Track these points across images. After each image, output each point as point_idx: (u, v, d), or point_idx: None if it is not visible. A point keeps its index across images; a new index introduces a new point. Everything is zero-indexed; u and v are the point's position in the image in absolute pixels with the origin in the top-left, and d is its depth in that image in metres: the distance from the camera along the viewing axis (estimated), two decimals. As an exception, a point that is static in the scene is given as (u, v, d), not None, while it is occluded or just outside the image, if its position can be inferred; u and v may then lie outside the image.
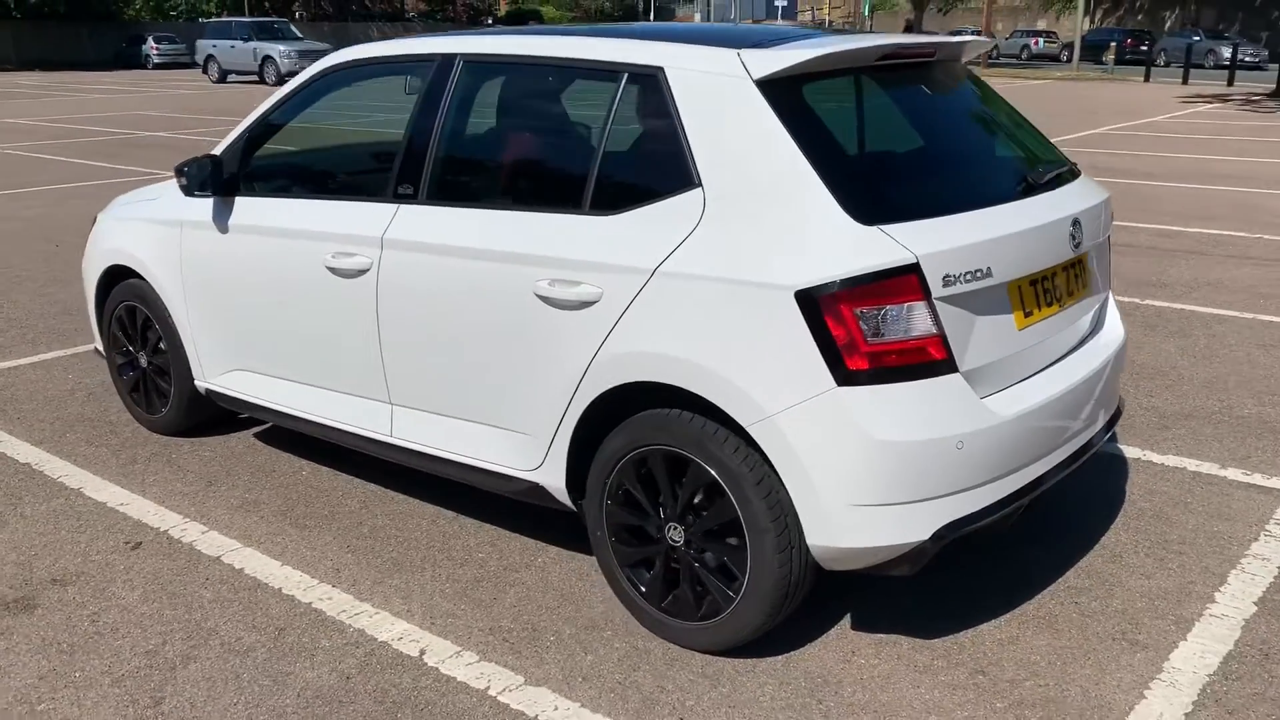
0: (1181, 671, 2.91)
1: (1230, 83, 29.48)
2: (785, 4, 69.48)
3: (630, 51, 3.07)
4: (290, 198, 3.88)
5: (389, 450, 3.68)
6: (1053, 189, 3.18)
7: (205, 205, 4.08)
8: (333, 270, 3.61)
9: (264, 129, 4.02)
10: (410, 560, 3.57)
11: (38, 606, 3.29)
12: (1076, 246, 3.11)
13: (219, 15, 48.42)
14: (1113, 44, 38.94)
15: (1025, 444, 2.87)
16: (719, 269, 2.75)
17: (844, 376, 2.61)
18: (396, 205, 3.48)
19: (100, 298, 4.71)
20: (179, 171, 3.96)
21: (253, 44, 33.19)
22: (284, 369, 3.97)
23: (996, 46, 47.66)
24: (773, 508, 2.75)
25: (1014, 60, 44.40)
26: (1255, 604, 3.25)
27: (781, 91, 2.82)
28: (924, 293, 2.63)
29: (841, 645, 3.05)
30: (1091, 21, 48.58)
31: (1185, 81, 30.57)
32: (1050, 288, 3.07)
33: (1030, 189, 3.10)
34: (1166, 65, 38.11)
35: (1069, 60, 42.86)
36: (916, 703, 2.79)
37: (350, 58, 3.81)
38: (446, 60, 3.47)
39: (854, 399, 2.61)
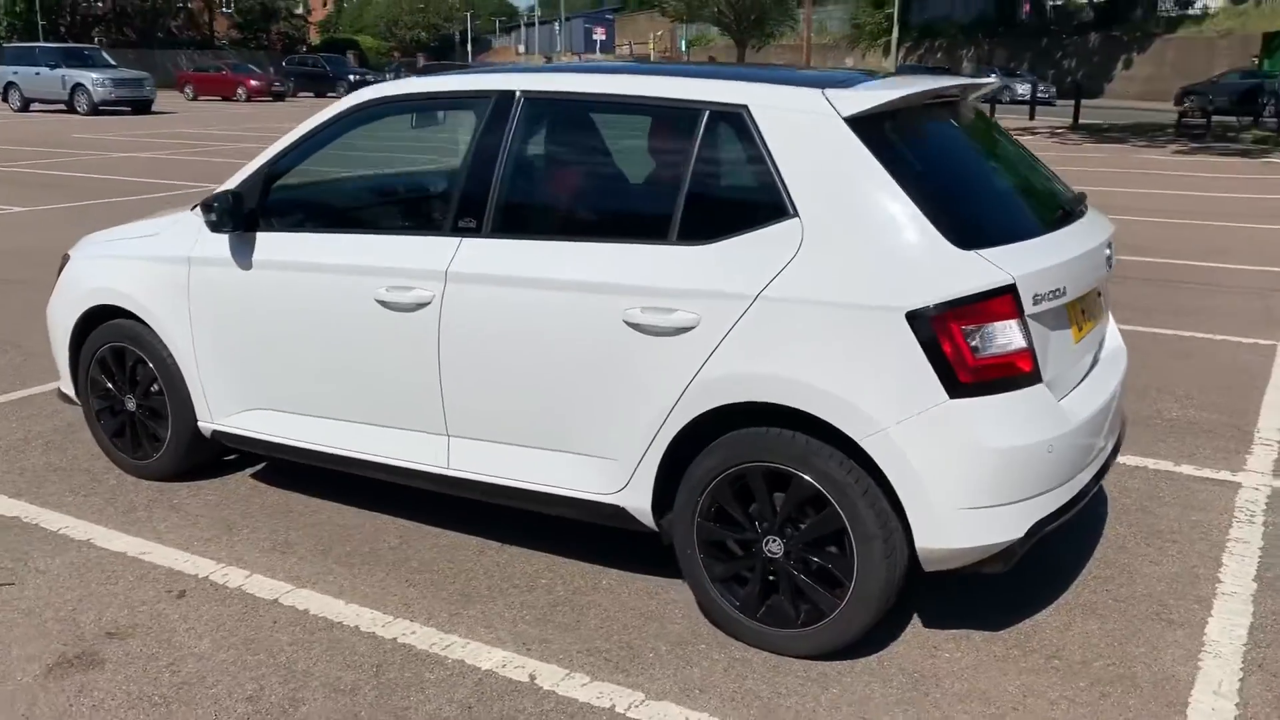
0: (1220, 644, 3.27)
1: (1032, 117, 31.76)
2: (603, 39, 70.82)
3: (712, 90, 3.24)
4: (323, 232, 3.84)
5: (443, 482, 3.69)
6: (1083, 216, 3.53)
7: (219, 242, 3.98)
8: (385, 304, 3.60)
9: (285, 164, 3.97)
10: (476, 591, 3.58)
11: (105, 661, 3.15)
12: (1109, 268, 3.46)
13: (8, 41, 45.39)
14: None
15: (1087, 446, 3.18)
16: (825, 293, 2.95)
17: (955, 389, 2.84)
18: (458, 239, 3.51)
19: (76, 340, 4.49)
20: (207, 208, 3.85)
21: (60, 71, 31.36)
22: (315, 405, 3.91)
23: None
24: (880, 515, 2.95)
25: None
26: (1254, 581, 3.66)
27: (869, 128, 3.05)
28: (1019, 311, 2.90)
29: (923, 642, 3.28)
30: (896, 60, 51.56)
31: (991, 115, 32.78)
32: (1088, 306, 3.40)
33: (1068, 216, 3.43)
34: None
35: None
36: (1011, 688, 3.04)
37: (388, 93, 3.82)
38: (505, 96, 3.54)
39: (965, 410, 2.85)
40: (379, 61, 64.84)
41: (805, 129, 3.08)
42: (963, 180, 3.38)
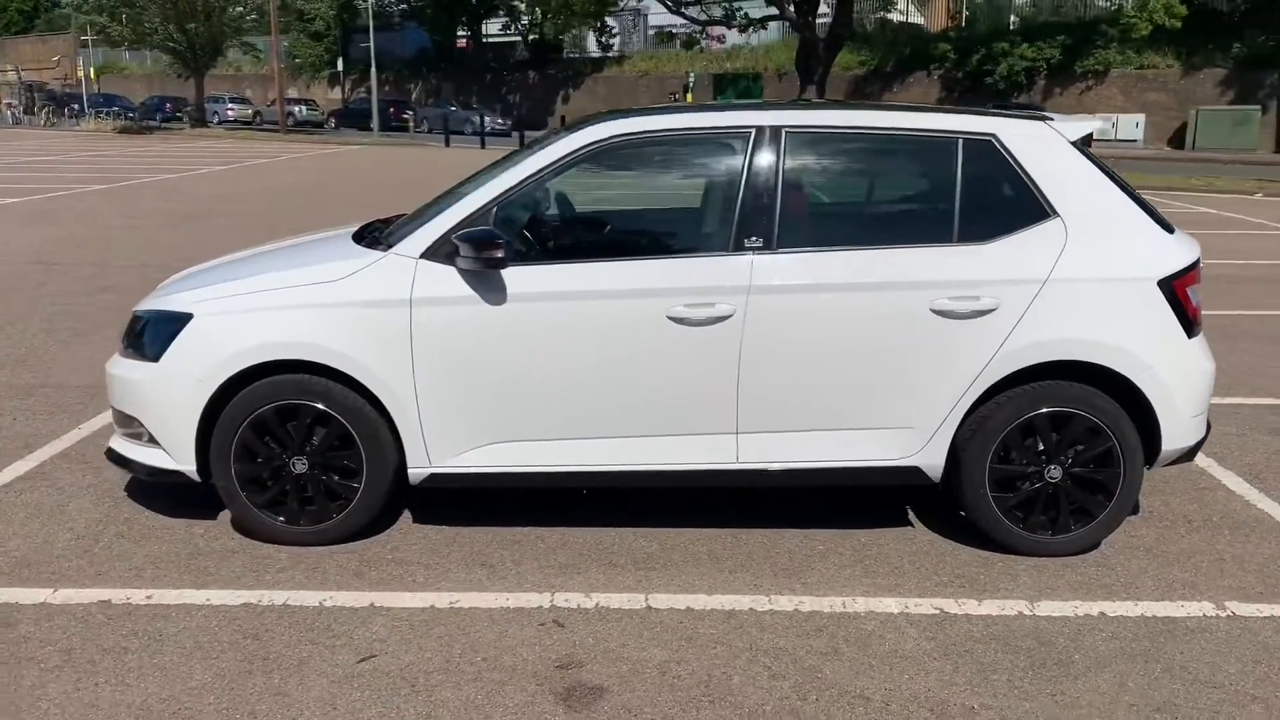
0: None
1: (483, 146, 33.22)
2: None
3: (961, 123, 4.08)
4: (590, 261, 3.99)
5: (727, 477, 4.08)
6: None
7: (449, 280, 3.92)
8: (680, 320, 3.90)
9: (514, 199, 4.02)
10: (753, 557, 4.04)
11: (602, 699, 3.19)
12: None
13: None
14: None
15: None
16: (1096, 272, 3.95)
17: (1190, 332, 4.02)
18: (750, 255, 3.94)
19: (213, 407, 4.00)
20: (490, 244, 3.79)
21: None
22: (575, 428, 4.02)
23: (259, 113, 48.51)
24: (1136, 434, 4.02)
25: (275, 127, 45.04)
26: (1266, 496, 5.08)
27: (1082, 149, 4.11)
28: (1199, 276, 4.14)
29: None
30: (344, 91, 51.91)
31: (448, 145, 34.06)
32: None
33: None
34: (429, 131, 42.67)
35: (336, 127, 45.47)
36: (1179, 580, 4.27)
37: (629, 130, 4.06)
38: (770, 131, 4.02)
39: (1193, 346, 4.04)
40: None
41: (1046, 150, 4.05)
42: (1125, 185, 4.48)
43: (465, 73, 50.25)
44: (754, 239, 3.97)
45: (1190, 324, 4.03)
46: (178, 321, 4.05)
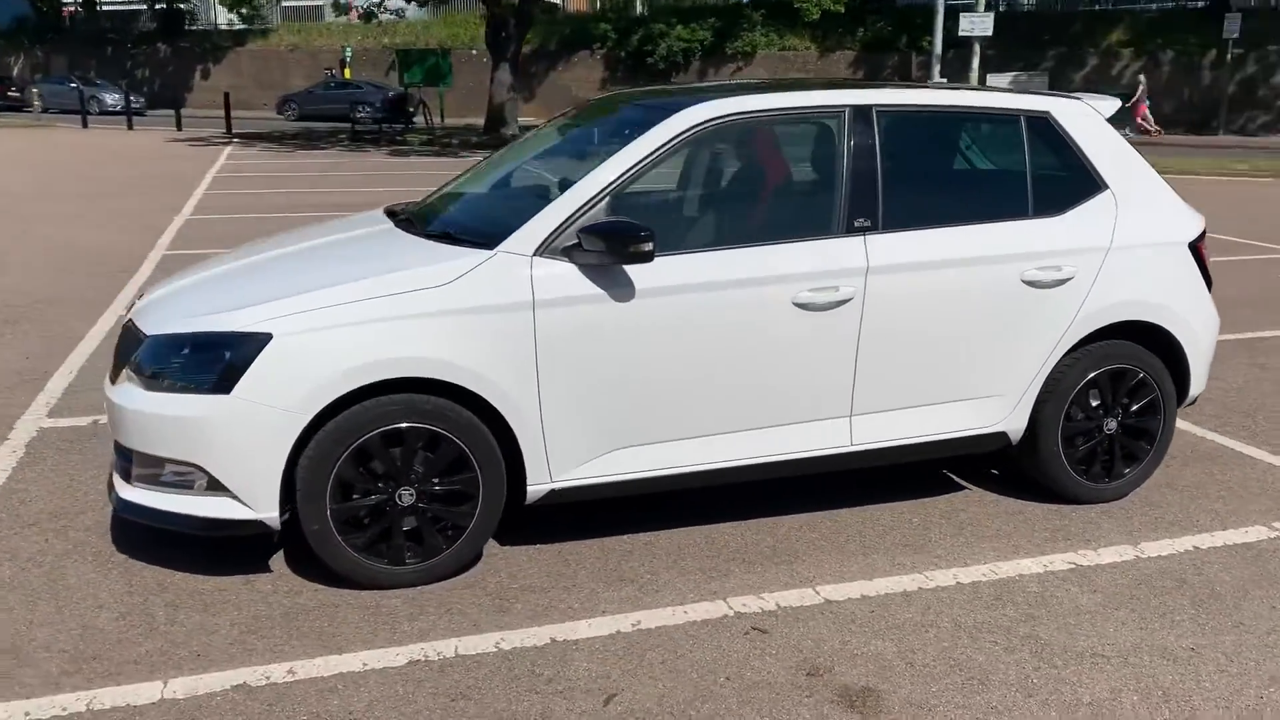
0: None
1: (130, 127, 29.99)
2: None
3: (1021, 102, 4.28)
4: (710, 250, 3.78)
5: (842, 460, 4.06)
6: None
7: (572, 278, 3.59)
8: (804, 306, 3.82)
9: (623, 189, 3.73)
10: (866, 536, 4.09)
11: (881, 698, 3.10)
12: None
13: None
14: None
15: None
16: (1145, 238, 4.32)
17: (1209, 288, 4.48)
18: (861, 237, 3.92)
19: (302, 442, 3.41)
20: (634, 237, 3.47)
21: None
22: (700, 425, 3.83)
23: None
24: (1173, 381, 4.45)
25: None
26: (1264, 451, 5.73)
27: (1115, 125, 4.45)
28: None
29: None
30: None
31: (85, 125, 30.35)
32: None
33: None
34: (47, 111, 37.93)
35: None
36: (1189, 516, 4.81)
37: (732, 110, 3.88)
38: (862, 110, 4.00)
39: (1210, 299, 4.51)
40: None
41: (1091, 127, 4.35)
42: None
43: (79, 44, 44.88)
44: (862, 219, 3.95)
45: (1209, 280, 4.50)
46: (250, 343, 3.40)
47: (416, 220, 4.22)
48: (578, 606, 3.54)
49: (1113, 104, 4.53)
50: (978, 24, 24.47)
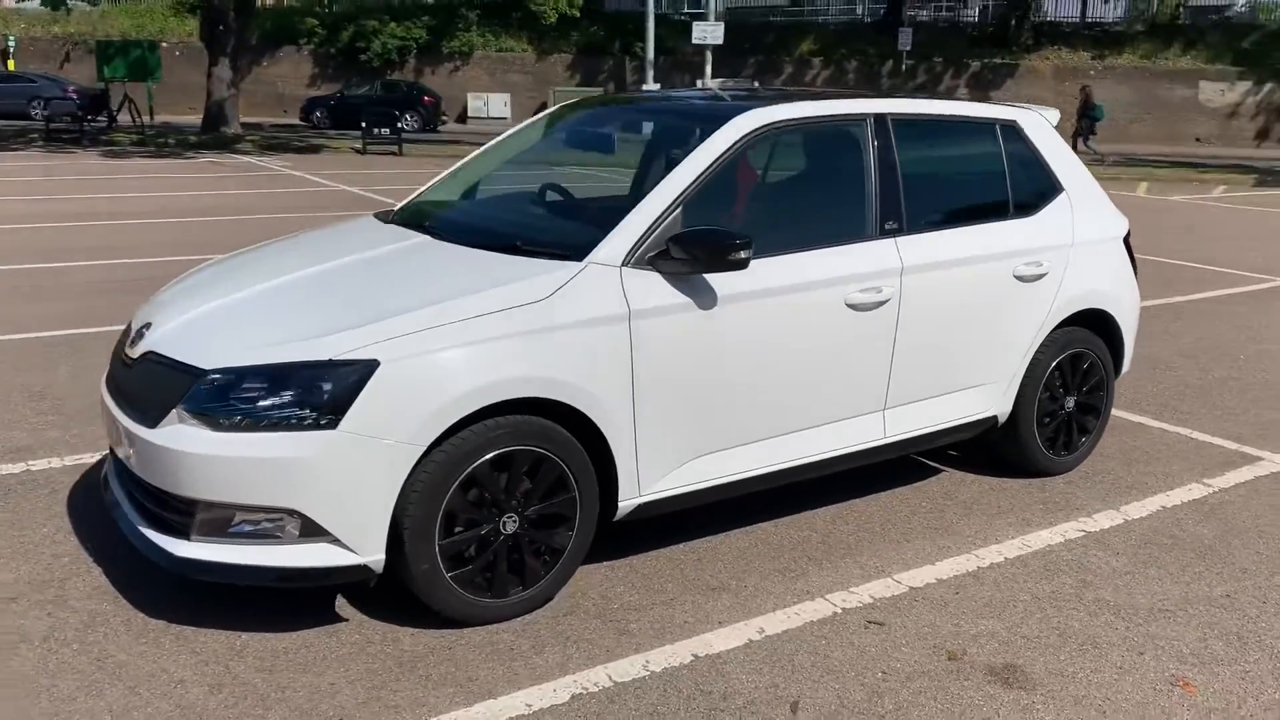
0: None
1: None
2: None
3: (991, 111, 4.65)
4: (771, 255, 3.82)
5: (876, 453, 4.26)
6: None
7: (654, 286, 3.54)
8: (855, 306, 3.98)
9: (697, 197, 3.71)
10: (904, 523, 4.34)
11: (1026, 673, 3.30)
12: None
13: None
14: None
15: None
16: (1095, 235, 4.82)
17: (1135, 275, 5.06)
18: (892, 239, 4.13)
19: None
20: (730, 246, 3.45)
21: None
22: (765, 428, 3.89)
23: None
24: (1112, 360, 4.99)
25: None
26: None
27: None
28: (1124, 238, 5.21)
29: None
30: None
31: None
32: None
33: None
34: None
35: None
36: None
37: (784, 117, 3.96)
38: (880, 119, 4.20)
39: (1136, 283, 5.09)
40: None
41: (1046, 134, 4.79)
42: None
43: None
44: (891, 222, 4.15)
45: (1135, 270, 5.08)
46: (353, 372, 3.10)
47: (450, 230, 3.97)
48: (692, 620, 3.50)
49: (1054, 115, 5.01)
50: (710, 32, 25.56)
